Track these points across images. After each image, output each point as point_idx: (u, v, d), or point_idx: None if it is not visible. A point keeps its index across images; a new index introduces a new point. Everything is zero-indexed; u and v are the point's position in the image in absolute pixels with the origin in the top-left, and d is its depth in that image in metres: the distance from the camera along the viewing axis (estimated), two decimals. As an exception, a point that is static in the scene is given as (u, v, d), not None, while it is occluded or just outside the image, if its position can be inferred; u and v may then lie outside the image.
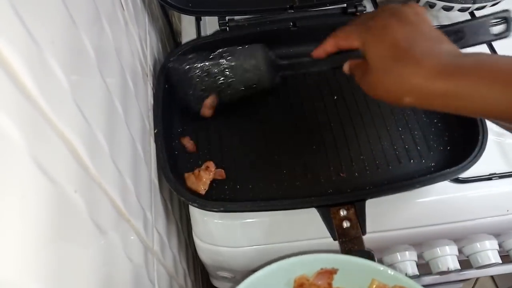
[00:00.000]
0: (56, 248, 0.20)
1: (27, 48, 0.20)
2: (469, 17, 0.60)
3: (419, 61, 0.31)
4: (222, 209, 0.43)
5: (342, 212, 0.43)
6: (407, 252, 0.53)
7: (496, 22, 0.39)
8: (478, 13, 0.60)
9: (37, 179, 0.19)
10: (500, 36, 0.39)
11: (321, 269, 0.41)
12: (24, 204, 0.18)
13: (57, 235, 0.21)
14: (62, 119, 0.23)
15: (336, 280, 0.41)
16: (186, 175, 0.47)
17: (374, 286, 0.40)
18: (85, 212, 0.25)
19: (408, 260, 0.52)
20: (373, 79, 0.34)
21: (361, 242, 0.42)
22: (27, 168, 0.19)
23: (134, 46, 0.47)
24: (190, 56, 0.50)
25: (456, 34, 0.39)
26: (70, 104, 0.25)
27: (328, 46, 0.40)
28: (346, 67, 0.40)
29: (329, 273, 0.41)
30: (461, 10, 0.58)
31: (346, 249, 0.42)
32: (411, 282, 0.39)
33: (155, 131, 0.48)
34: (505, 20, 0.39)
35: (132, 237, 0.35)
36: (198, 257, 0.52)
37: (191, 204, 0.44)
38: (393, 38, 0.33)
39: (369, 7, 0.62)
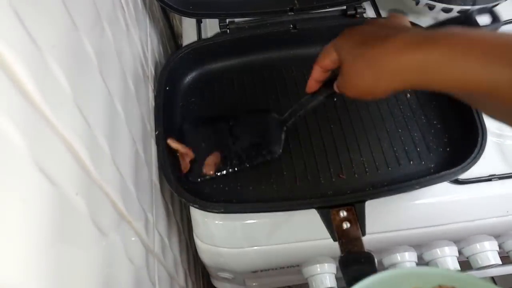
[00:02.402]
0: (57, 250, 0.20)
1: (28, 52, 0.20)
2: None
3: (385, 40, 0.30)
4: (222, 210, 0.43)
5: (342, 213, 0.43)
6: (406, 253, 0.53)
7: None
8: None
9: (38, 182, 0.20)
10: (489, 28, 0.38)
11: (439, 286, 0.36)
12: (25, 207, 0.18)
13: (59, 238, 0.21)
14: (63, 122, 0.23)
15: None
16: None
17: None
18: (86, 214, 0.25)
19: (407, 261, 0.53)
20: (347, 73, 0.33)
21: (360, 243, 0.42)
22: (29, 171, 0.19)
23: (135, 49, 0.47)
24: None
25: None
26: (71, 107, 0.25)
27: (316, 73, 0.39)
28: (335, 86, 0.39)
29: None
30: (461, 12, 0.58)
31: (346, 250, 0.42)
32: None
33: (156, 133, 0.48)
34: (490, 12, 0.38)
35: (133, 238, 0.35)
36: (199, 258, 0.52)
37: (192, 205, 0.44)
38: (361, 32, 0.33)
39: (369, 9, 0.63)
